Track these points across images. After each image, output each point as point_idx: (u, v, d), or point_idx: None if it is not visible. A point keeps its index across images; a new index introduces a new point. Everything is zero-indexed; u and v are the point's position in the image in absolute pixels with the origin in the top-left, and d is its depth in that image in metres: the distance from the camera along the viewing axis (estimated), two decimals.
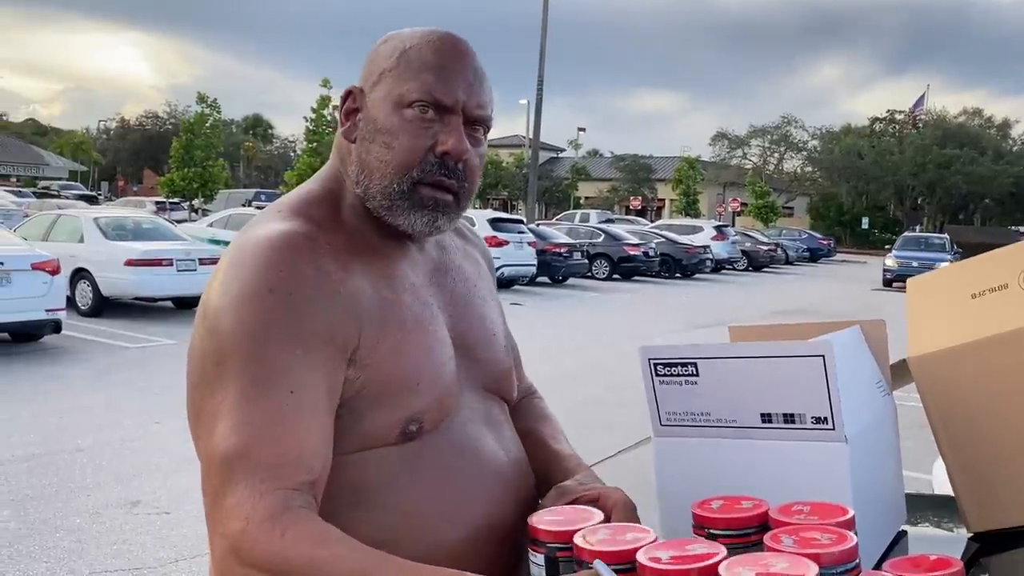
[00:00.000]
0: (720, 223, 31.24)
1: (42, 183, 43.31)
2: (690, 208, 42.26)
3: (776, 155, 55.88)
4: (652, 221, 36.17)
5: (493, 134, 1.17)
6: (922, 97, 52.75)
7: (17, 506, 4.62)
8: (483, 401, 1.11)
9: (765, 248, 29.42)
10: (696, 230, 26.79)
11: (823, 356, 1.08)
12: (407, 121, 0.99)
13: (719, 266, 25.71)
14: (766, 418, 1.13)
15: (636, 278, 21.61)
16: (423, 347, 1.01)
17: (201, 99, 29.17)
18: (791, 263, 31.68)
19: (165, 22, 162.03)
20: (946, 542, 1.37)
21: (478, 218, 17.62)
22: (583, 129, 51.05)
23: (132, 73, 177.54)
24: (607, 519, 0.99)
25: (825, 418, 1.09)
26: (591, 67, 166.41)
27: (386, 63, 1.02)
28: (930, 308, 1.44)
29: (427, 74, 1.00)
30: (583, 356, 10.04)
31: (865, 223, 47.26)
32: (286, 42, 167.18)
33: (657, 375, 1.19)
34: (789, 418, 1.12)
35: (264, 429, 0.87)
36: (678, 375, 1.18)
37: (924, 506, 1.59)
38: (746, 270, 27.67)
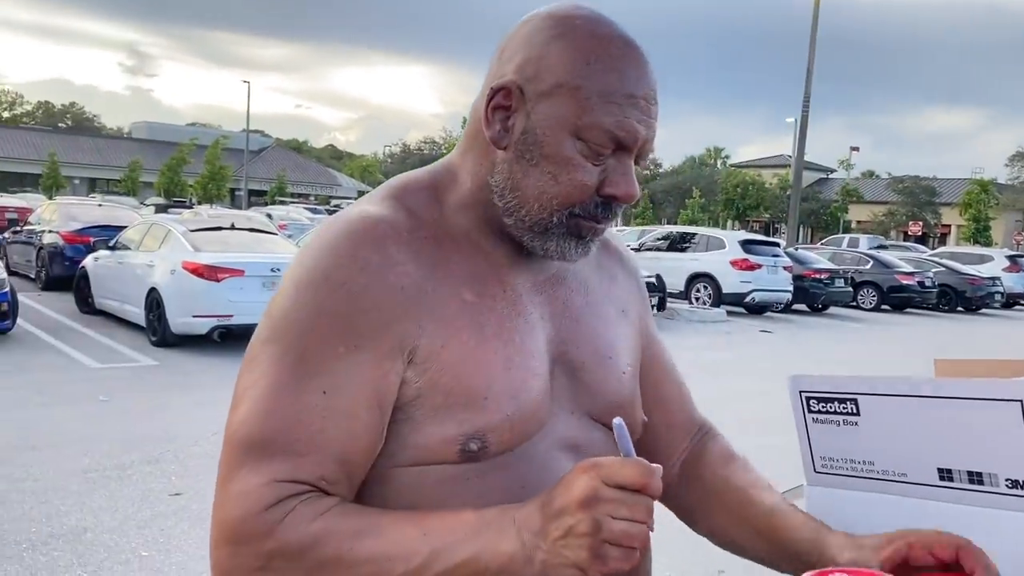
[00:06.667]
0: (1015, 253, 27.69)
1: (334, 201, 48.30)
2: (980, 235, 38.06)
3: None
4: (933, 248, 32.89)
5: (756, 153, 0.99)
6: None
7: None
8: (584, 430, 0.97)
9: None
10: (985, 259, 23.99)
11: (1022, 401, 0.83)
12: (579, 154, 0.88)
13: (1012, 301, 22.80)
14: (945, 474, 0.90)
15: (908, 310, 19.72)
16: (499, 358, 0.90)
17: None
18: None
19: (447, 55, 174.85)
20: None
21: (729, 239, 16.85)
22: (856, 148, 47.75)
23: (417, 102, 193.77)
24: None
25: None
26: (869, 84, 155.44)
27: (563, 73, 0.88)
28: None
29: (614, 108, 0.87)
30: None
31: None
32: None
33: (810, 411, 1.00)
34: (976, 477, 0.88)
35: (288, 425, 0.83)
36: (835, 412, 0.98)
37: None
38: None
